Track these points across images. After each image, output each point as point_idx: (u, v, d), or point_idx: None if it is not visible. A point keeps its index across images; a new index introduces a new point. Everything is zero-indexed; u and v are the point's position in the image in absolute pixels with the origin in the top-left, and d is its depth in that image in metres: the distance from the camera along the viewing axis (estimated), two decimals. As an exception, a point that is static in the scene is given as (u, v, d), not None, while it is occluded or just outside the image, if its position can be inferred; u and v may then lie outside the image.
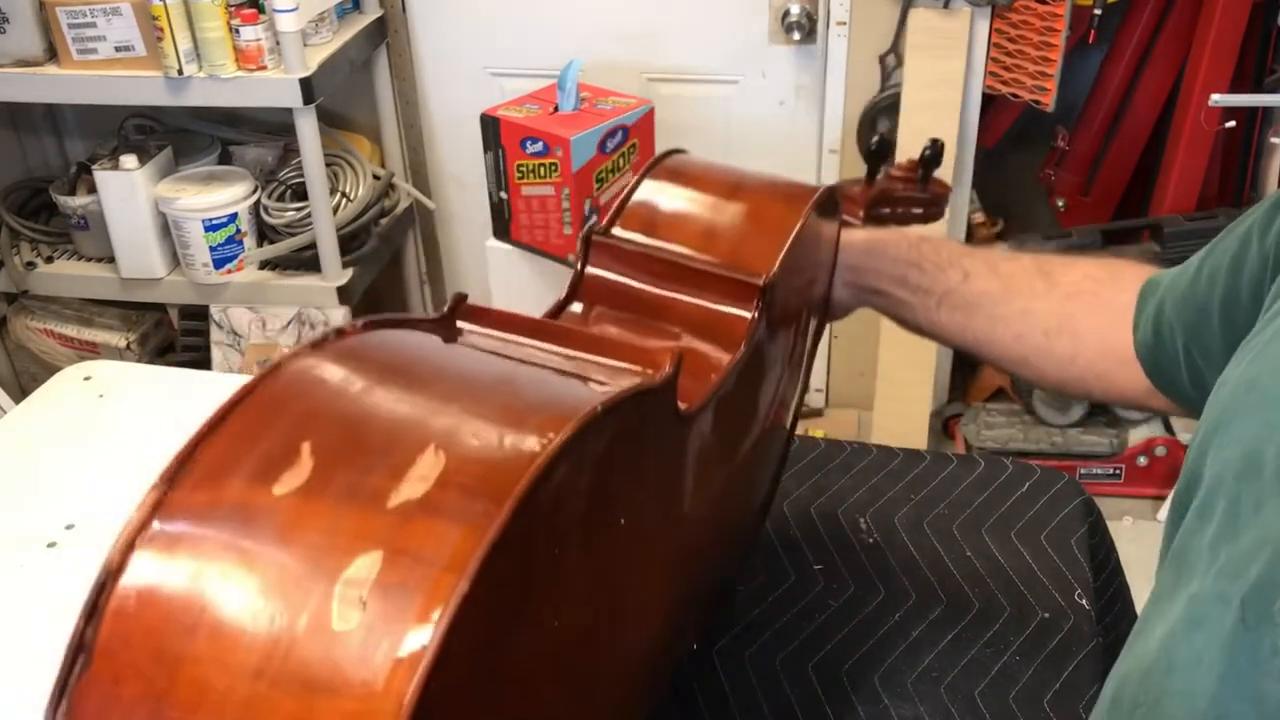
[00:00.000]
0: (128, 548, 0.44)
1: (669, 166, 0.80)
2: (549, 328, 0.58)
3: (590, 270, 0.73)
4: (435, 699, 0.38)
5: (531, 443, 0.45)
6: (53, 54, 2.04)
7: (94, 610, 0.44)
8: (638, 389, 0.51)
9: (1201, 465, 0.56)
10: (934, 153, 1.02)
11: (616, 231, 0.74)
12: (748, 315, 0.70)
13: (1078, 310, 0.82)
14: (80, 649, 0.44)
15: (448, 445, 0.45)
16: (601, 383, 0.51)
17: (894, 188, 1.03)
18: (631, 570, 0.60)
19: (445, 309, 0.57)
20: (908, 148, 2.05)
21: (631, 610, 0.62)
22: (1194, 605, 0.52)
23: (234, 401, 0.47)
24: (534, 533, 0.44)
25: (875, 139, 1.00)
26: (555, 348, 0.57)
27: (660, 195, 0.77)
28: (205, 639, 0.41)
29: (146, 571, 0.43)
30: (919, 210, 1.05)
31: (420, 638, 0.39)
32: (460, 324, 0.57)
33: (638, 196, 0.76)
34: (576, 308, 0.72)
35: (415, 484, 0.43)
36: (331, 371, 0.49)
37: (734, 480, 0.79)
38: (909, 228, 0.98)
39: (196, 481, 0.45)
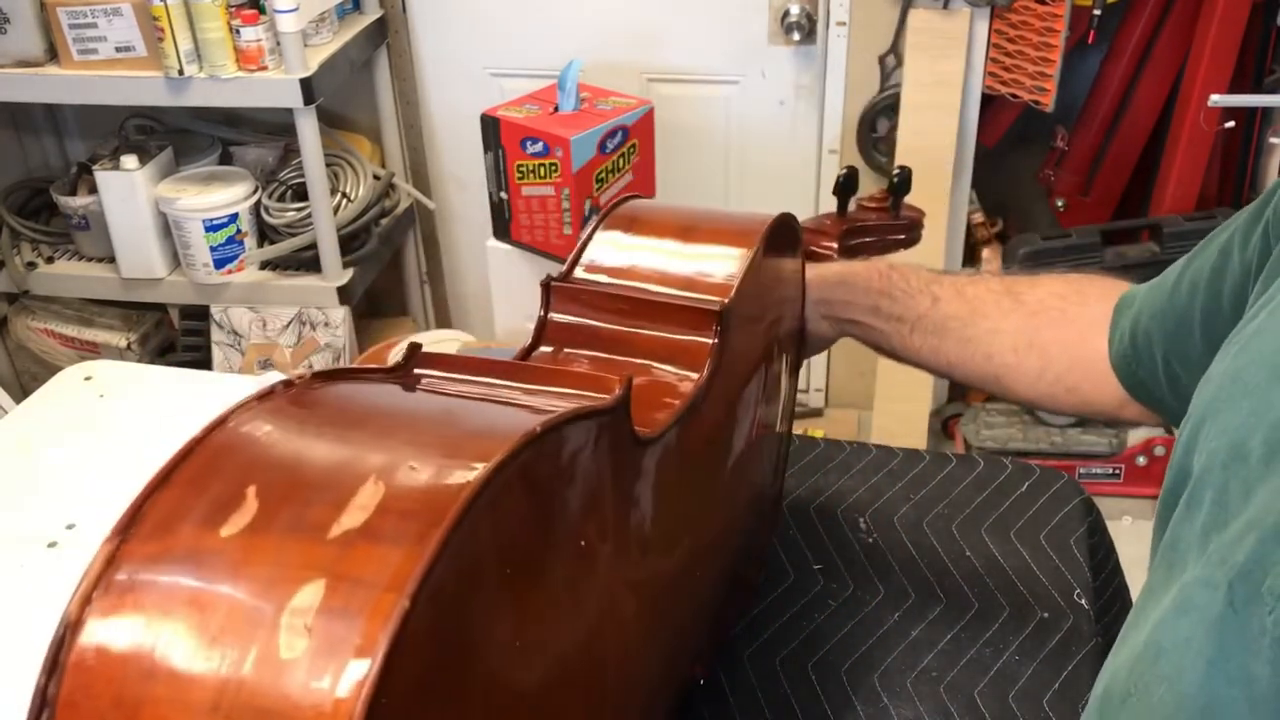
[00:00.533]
0: (84, 602, 0.45)
1: (623, 213, 0.82)
2: (504, 366, 0.58)
3: (553, 316, 0.74)
4: (384, 716, 0.39)
5: (469, 465, 0.46)
6: (53, 54, 2.04)
7: (54, 665, 0.45)
8: (581, 410, 0.52)
9: (1189, 459, 0.57)
10: (902, 179, 1.04)
11: (577, 275, 0.76)
12: (708, 341, 0.72)
13: (1044, 326, 0.85)
14: (44, 705, 0.46)
15: (387, 476, 0.46)
16: (549, 410, 0.52)
17: (866, 218, 1.05)
18: (605, 594, 0.60)
19: (401, 359, 0.58)
20: (907, 148, 2.06)
21: (611, 635, 0.62)
22: (1182, 592, 0.52)
23: (182, 454, 0.48)
24: (478, 551, 0.45)
25: (841, 173, 1.01)
26: (508, 382, 0.58)
27: (617, 239, 0.79)
28: (163, 682, 0.42)
29: (103, 624, 0.45)
30: (897, 237, 1.06)
31: (363, 660, 0.40)
32: (417, 372, 0.58)
33: (595, 243, 0.79)
34: (545, 350, 0.74)
35: (356, 513, 0.44)
36: (277, 419, 0.51)
37: (721, 500, 0.80)
38: (882, 257, 0.99)
39: (148, 532, 0.46)
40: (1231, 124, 2.11)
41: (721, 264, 0.77)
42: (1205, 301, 0.70)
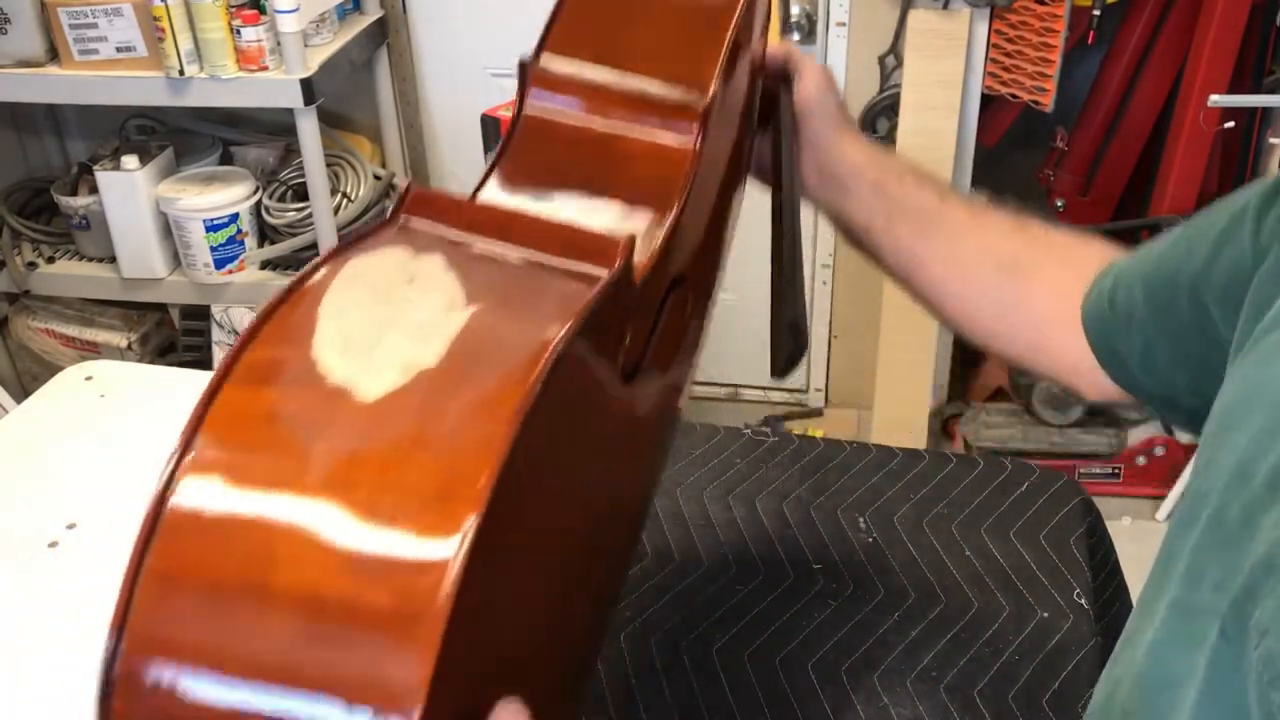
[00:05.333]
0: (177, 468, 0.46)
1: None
2: (498, 221, 0.59)
3: (530, 106, 0.69)
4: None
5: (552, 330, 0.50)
6: (54, 54, 2.04)
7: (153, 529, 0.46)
8: (599, 297, 0.53)
9: (1198, 468, 0.55)
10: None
11: (547, 62, 0.70)
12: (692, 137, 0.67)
13: (1039, 257, 0.79)
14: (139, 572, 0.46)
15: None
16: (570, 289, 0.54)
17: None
18: (611, 461, 0.64)
19: (396, 202, 0.59)
20: (907, 148, 2.06)
21: (620, 473, 0.66)
22: (1181, 616, 0.51)
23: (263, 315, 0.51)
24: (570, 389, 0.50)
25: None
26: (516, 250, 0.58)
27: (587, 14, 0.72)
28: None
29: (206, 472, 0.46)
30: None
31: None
32: (410, 219, 0.58)
33: (563, 18, 0.72)
34: (518, 152, 0.69)
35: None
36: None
37: (678, 352, 0.77)
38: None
39: (249, 375, 0.48)
40: (1231, 124, 2.11)
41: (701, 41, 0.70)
42: (1203, 262, 0.64)
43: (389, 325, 0.50)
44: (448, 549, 0.42)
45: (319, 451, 0.45)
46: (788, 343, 0.89)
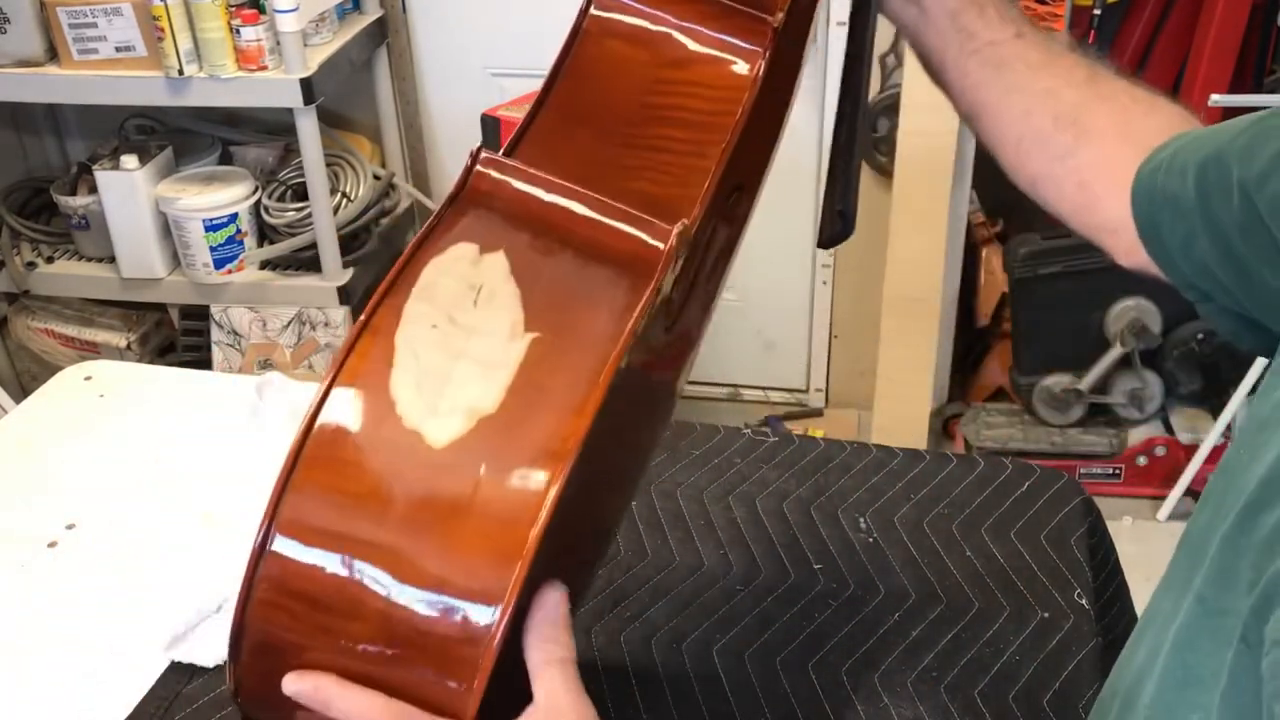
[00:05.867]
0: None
1: None
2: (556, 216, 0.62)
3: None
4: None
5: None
6: (53, 54, 2.04)
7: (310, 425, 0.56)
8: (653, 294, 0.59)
9: (1238, 456, 0.54)
10: None
11: None
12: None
13: (1100, 113, 0.76)
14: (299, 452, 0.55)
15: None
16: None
17: None
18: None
19: (463, 175, 0.62)
20: (907, 148, 2.06)
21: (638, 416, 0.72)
22: (1208, 613, 0.51)
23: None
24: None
25: None
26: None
27: None
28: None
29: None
30: None
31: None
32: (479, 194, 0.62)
33: None
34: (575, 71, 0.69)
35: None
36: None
37: (699, 304, 0.78)
38: None
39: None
40: (1231, 124, 2.11)
41: None
42: (1259, 172, 0.59)
43: (458, 356, 0.57)
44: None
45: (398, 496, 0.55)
46: (833, 223, 0.89)
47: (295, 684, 0.55)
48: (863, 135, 0.87)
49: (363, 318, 0.58)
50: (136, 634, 0.94)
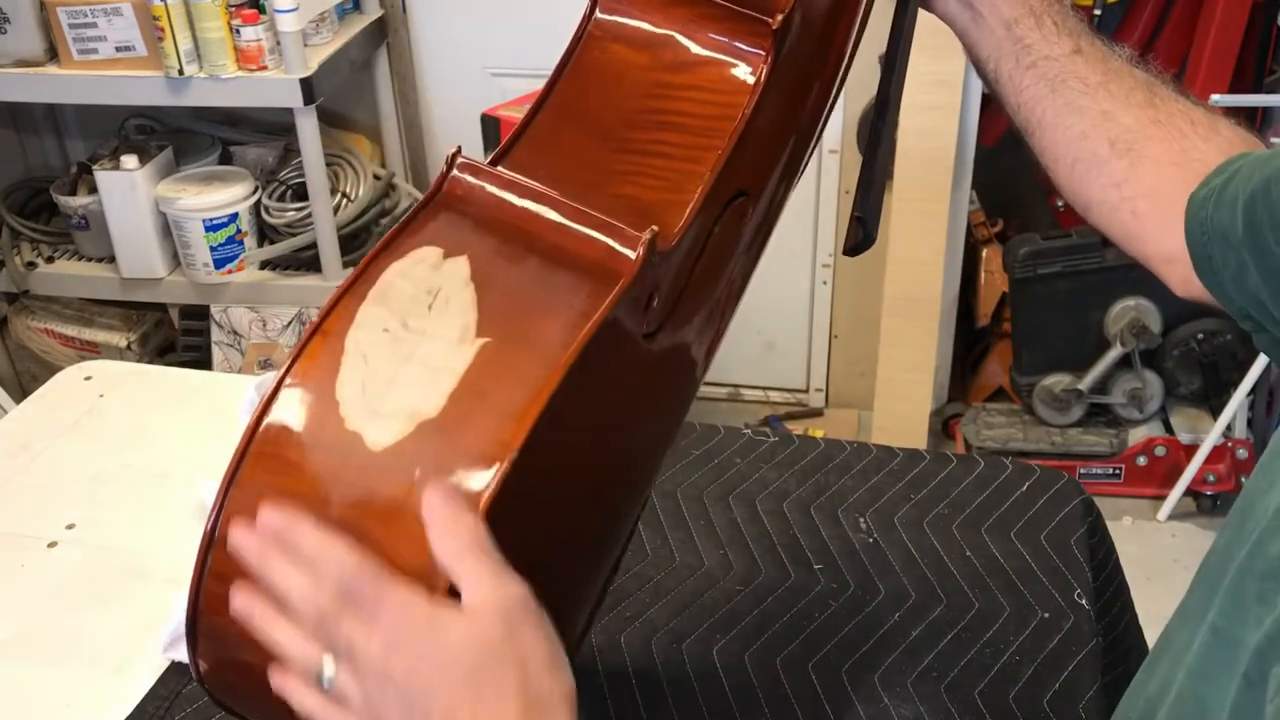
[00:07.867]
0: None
1: None
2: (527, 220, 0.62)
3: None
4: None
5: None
6: (53, 54, 2.04)
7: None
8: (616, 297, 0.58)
9: (1263, 480, 0.54)
10: None
11: None
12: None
13: (1157, 138, 0.74)
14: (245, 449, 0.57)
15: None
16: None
17: None
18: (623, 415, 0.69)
19: (439, 177, 0.63)
20: (907, 148, 2.06)
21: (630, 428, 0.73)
22: (1221, 644, 0.51)
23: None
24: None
25: None
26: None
27: None
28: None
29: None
30: None
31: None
32: (451, 196, 0.63)
33: None
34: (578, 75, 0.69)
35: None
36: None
37: (708, 312, 0.79)
38: None
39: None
40: (1231, 124, 2.11)
41: None
42: None
43: (406, 360, 0.57)
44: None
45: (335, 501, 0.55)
46: (856, 232, 0.88)
47: (271, 514, 0.54)
48: (887, 145, 0.87)
49: (315, 320, 0.59)
50: (136, 634, 0.94)
